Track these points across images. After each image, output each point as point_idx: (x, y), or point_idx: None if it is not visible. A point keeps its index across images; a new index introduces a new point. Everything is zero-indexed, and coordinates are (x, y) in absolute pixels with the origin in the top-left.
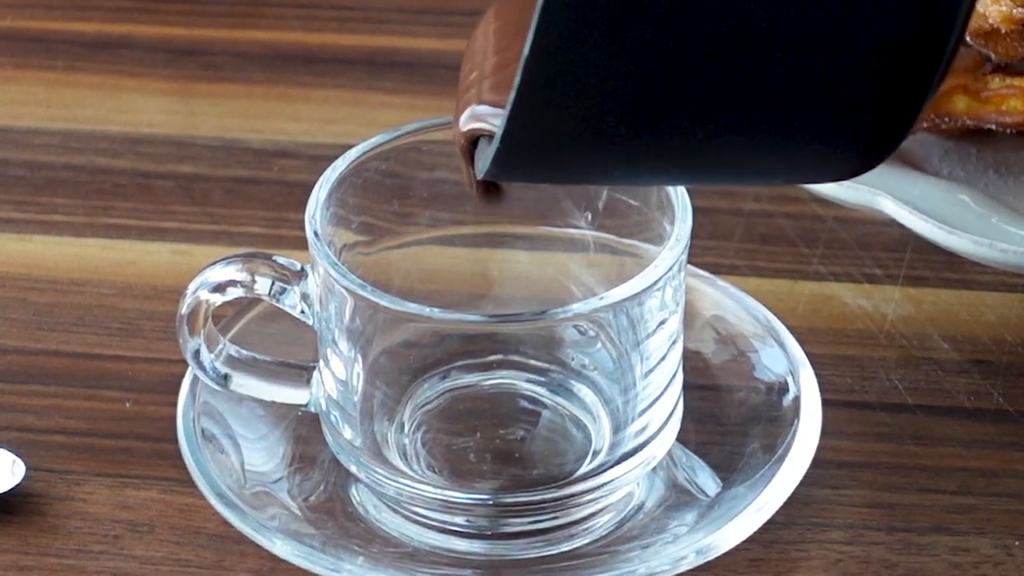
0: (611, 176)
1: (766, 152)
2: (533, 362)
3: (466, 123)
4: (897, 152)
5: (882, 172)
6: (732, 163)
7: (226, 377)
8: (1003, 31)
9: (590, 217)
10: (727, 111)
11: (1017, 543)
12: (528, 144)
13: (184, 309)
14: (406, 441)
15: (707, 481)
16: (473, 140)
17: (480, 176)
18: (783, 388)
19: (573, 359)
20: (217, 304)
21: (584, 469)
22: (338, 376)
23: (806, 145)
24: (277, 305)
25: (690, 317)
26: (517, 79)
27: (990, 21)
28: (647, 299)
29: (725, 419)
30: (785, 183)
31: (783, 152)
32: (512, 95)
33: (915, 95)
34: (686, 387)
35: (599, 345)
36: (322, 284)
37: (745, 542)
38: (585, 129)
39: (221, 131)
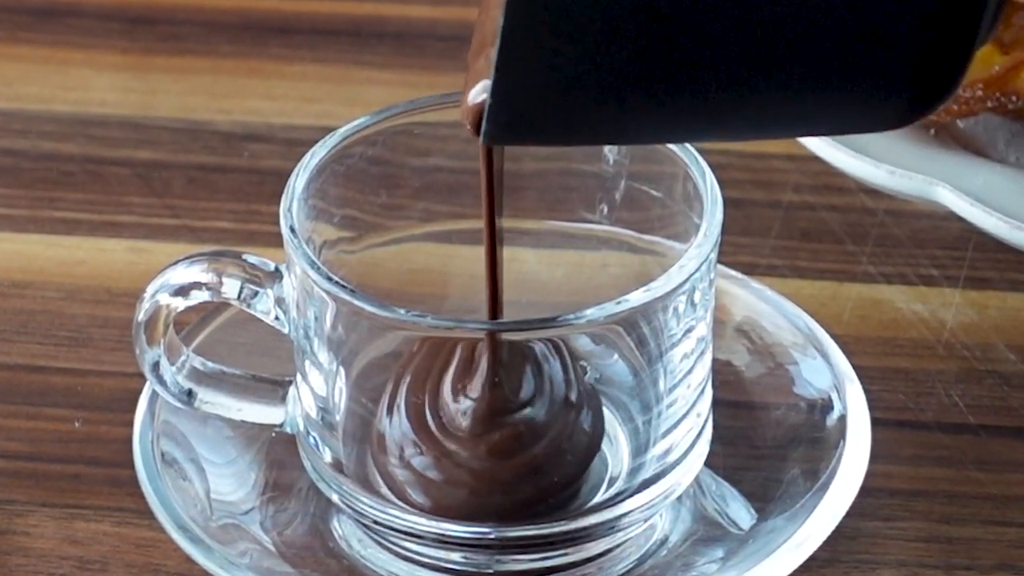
0: (620, 130)
1: (795, 91)
2: None
3: (476, 96)
4: (957, 136)
5: (940, 159)
6: (757, 106)
7: (190, 393)
8: None
9: (606, 210)
10: (751, 40)
11: None
12: (522, 94)
13: (141, 315)
14: (396, 466)
15: (740, 512)
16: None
17: (482, 141)
18: (827, 406)
19: (587, 372)
20: (179, 309)
21: (599, 498)
22: (318, 392)
23: (843, 84)
24: (248, 311)
25: (720, 324)
26: (500, 20)
27: None
28: (671, 304)
29: (760, 441)
30: (817, 131)
31: (816, 92)
32: (498, 39)
33: (964, 30)
34: (716, 404)
35: (616, 356)
36: (299, 287)
37: None
38: (584, 71)
39: (183, 111)
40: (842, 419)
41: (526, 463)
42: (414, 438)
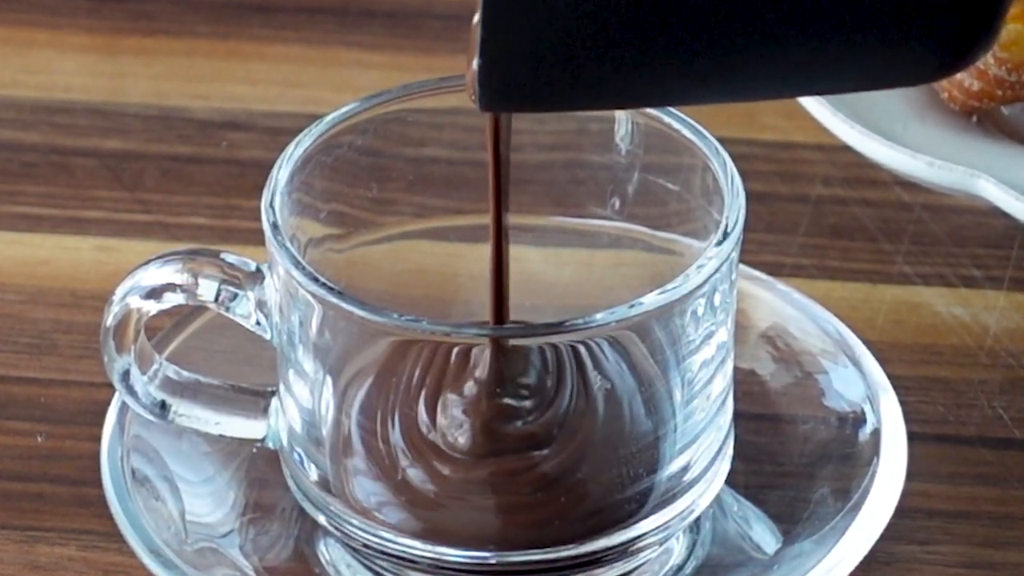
0: (623, 88)
1: (817, 36)
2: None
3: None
4: (1002, 124)
5: (983, 148)
6: (774, 54)
7: (163, 405)
8: None
9: (617, 204)
10: None
11: None
12: (512, 52)
13: (110, 320)
14: (388, 485)
15: (764, 535)
16: None
17: (479, 107)
18: (859, 419)
19: (596, 383)
20: (151, 313)
21: (610, 520)
22: (303, 403)
23: (869, 26)
24: (226, 315)
25: (743, 330)
26: None
27: None
28: (689, 307)
29: (786, 458)
30: (837, 85)
31: (840, 35)
32: None
33: None
34: (738, 417)
35: (628, 365)
36: (282, 288)
37: None
38: (579, 17)
39: (156, 97)
40: (876, 433)
41: (530, 483)
42: (408, 454)
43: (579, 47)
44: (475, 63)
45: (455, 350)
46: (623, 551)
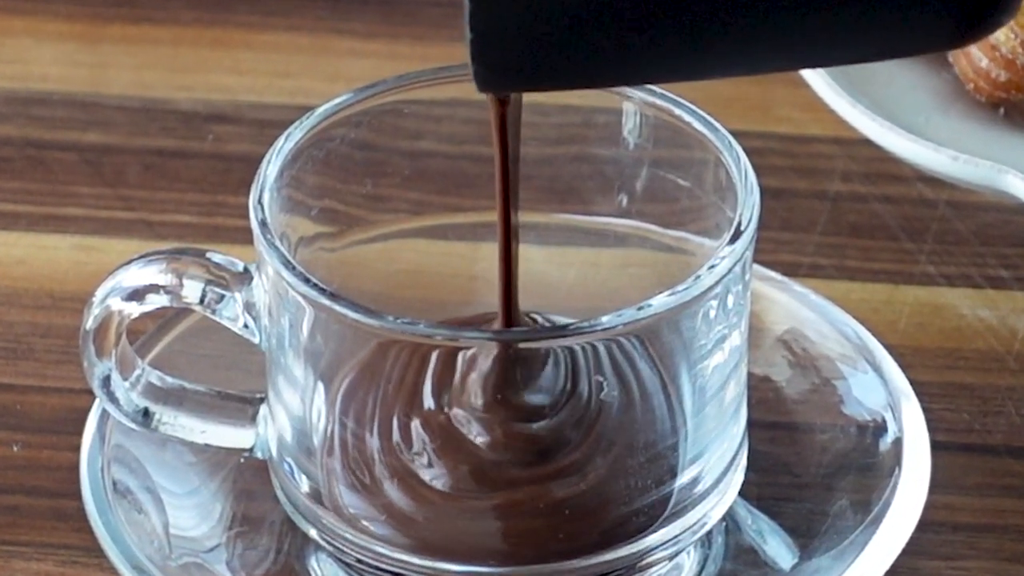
0: (623, 62)
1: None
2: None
3: None
4: None
5: (1010, 142)
6: (781, 21)
7: (146, 412)
8: None
9: (625, 201)
10: None
11: None
12: (503, 24)
13: (90, 323)
14: (383, 497)
15: (780, 550)
16: None
17: (476, 88)
18: (880, 427)
19: (603, 389)
20: (134, 316)
21: (618, 533)
22: (293, 411)
23: None
24: (213, 318)
25: (757, 333)
26: None
27: None
28: (701, 310)
29: (803, 468)
30: (848, 54)
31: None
32: None
33: None
34: (752, 426)
35: (637, 370)
36: (272, 290)
37: None
38: None
39: (138, 88)
40: (897, 443)
41: (533, 494)
42: (405, 465)
43: (574, 11)
44: (467, 37)
45: (454, 355)
46: (631, 566)
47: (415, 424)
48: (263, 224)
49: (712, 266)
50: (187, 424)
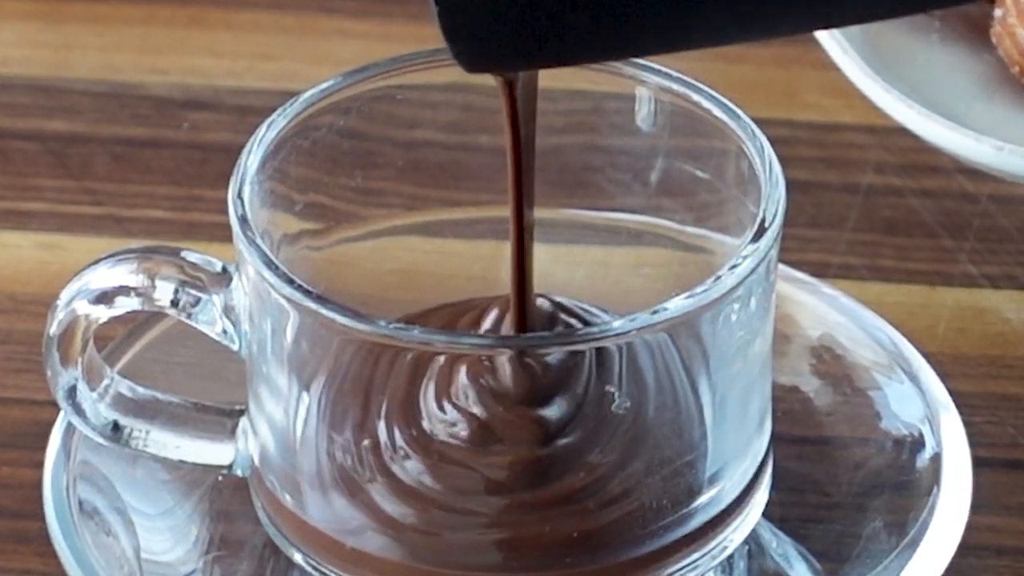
0: (611, 32)
1: None
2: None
3: None
4: None
5: None
6: None
7: (115, 426)
8: None
9: (639, 195)
10: None
11: None
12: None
13: (54, 328)
14: (373, 517)
15: (807, 575)
16: None
17: (464, 69)
18: (917, 442)
19: (615, 400)
20: (102, 321)
21: (632, 557)
22: (276, 424)
23: None
24: (188, 322)
25: (783, 340)
26: None
27: None
28: (721, 313)
29: (833, 487)
30: (866, 11)
31: None
32: None
33: None
34: (777, 440)
35: (651, 379)
36: (252, 292)
37: None
38: None
39: (107, 72)
40: (936, 459)
41: (539, 514)
42: (398, 482)
43: None
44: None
45: (451, 363)
46: None
47: (409, 438)
48: (243, 220)
49: (733, 266)
50: (160, 439)
